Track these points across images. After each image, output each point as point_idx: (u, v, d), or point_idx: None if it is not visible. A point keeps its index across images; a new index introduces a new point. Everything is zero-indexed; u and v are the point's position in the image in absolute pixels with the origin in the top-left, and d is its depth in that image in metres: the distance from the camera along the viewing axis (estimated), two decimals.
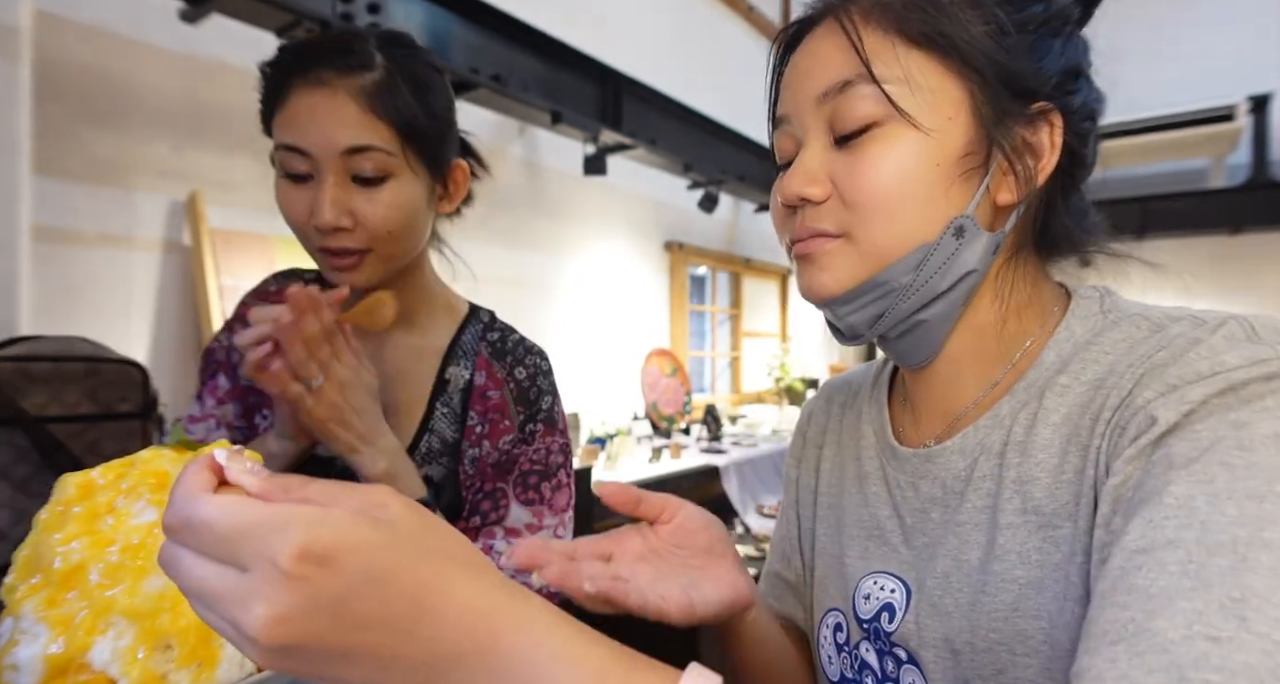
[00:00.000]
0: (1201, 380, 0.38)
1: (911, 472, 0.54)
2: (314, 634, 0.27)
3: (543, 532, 0.80)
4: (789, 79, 0.52)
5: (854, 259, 0.48)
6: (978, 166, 0.47)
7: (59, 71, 1.70)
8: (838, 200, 0.48)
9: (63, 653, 0.37)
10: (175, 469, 0.44)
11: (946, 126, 0.46)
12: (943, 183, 0.46)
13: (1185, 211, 4.30)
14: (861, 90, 0.47)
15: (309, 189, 0.71)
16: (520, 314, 3.10)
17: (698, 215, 3.77)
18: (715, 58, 4.34)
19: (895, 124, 0.46)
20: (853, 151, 0.48)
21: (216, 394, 0.84)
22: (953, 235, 0.47)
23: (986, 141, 0.47)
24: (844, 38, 0.47)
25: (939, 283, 0.48)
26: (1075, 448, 0.44)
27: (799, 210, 0.51)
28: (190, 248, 1.95)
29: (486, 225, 2.89)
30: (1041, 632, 0.43)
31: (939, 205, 0.47)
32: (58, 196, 1.72)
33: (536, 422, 0.82)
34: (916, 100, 0.46)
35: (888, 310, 0.49)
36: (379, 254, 0.74)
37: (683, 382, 3.97)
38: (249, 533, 0.27)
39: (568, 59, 2.74)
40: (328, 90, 0.69)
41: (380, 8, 2.05)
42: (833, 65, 0.48)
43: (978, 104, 0.47)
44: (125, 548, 0.39)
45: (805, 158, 0.50)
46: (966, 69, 0.46)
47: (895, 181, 0.46)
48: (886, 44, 0.47)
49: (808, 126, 0.50)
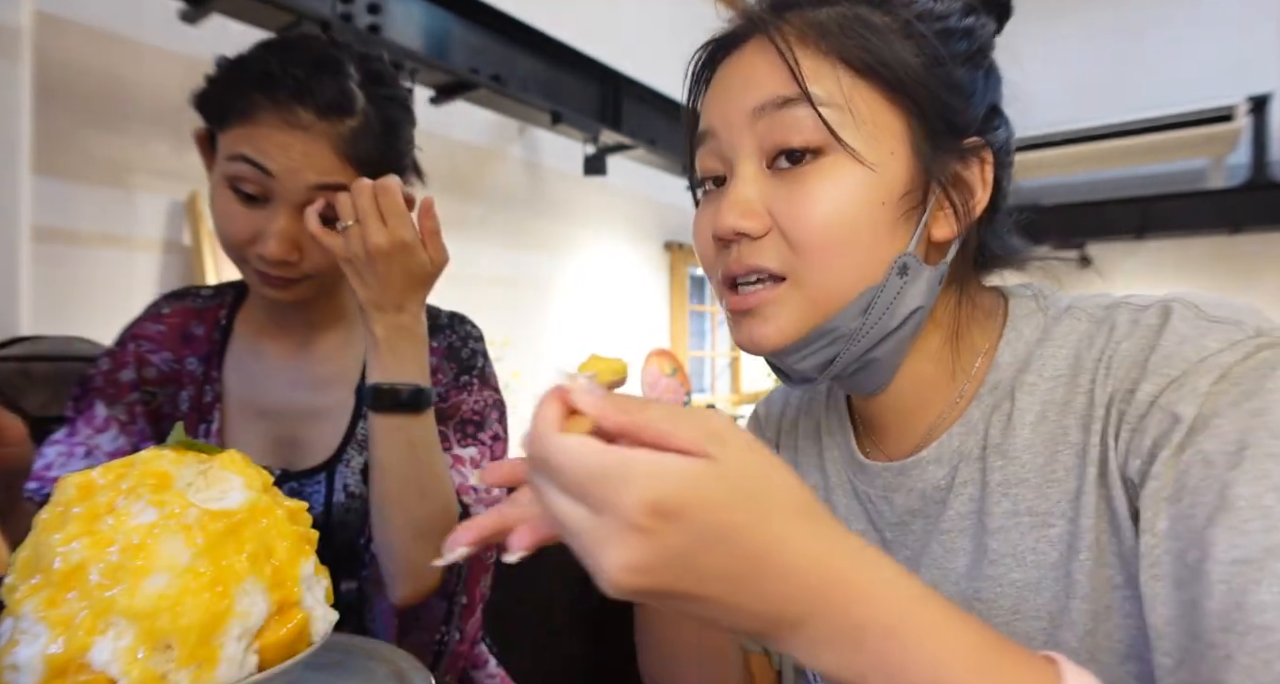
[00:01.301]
0: (1195, 368, 0.38)
1: (883, 485, 0.53)
2: (663, 582, 0.28)
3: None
4: (715, 94, 0.50)
5: (800, 306, 0.46)
6: (917, 204, 0.46)
7: (59, 71, 1.70)
8: (778, 237, 0.45)
9: (62, 653, 0.37)
10: (175, 469, 0.44)
11: (889, 161, 0.44)
12: (887, 221, 0.45)
13: (1184, 212, 4.29)
14: (800, 112, 0.44)
15: (258, 212, 0.68)
16: (520, 314, 3.12)
17: None
18: None
19: (838, 156, 0.44)
20: (793, 182, 0.45)
21: (93, 423, 0.78)
22: (897, 274, 0.45)
23: (924, 177, 0.45)
24: (777, 56, 0.45)
25: (888, 322, 0.46)
26: (1065, 447, 0.44)
27: (733, 245, 0.47)
28: (190, 248, 1.95)
29: (486, 225, 2.89)
30: (1043, 632, 0.43)
31: (882, 244, 0.45)
32: (58, 196, 1.72)
33: (470, 375, 0.81)
34: (860, 132, 0.44)
35: (839, 355, 0.47)
36: (318, 280, 0.73)
37: (683, 381, 3.97)
38: (597, 480, 0.28)
39: (568, 59, 2.74)
40: (304, 133, 0.66)
41: (380, 8, 2.05)
42: (769, 81, 0.45)
43: (916, 138, 0.45)
44: (125, 548, 0.39)
45: (739, 187, 0.46)
46: (906, 101, 0.45)
47: (842, 221, 0.44)
48: (825, 66, 0.44)
49: (738, 146, 0.47)
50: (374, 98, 0.71)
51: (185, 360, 0.81)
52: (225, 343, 0.83)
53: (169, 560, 0.39)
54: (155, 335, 0.81)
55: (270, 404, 0.80)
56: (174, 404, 0.81)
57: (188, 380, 0.81)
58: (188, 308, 0.84)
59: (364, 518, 0.76)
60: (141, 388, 0.80)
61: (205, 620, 0.39)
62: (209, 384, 0.81)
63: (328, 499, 0.77)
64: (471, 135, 2.80)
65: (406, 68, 2.09)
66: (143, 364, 0.80)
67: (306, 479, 0.77)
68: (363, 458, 0.77)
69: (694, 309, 4.46)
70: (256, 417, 0.80)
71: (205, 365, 0.81)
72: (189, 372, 0.81)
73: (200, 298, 0.85)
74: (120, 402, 0.79)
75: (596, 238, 3.51)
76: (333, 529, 0.76)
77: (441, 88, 2.36)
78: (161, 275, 1.92)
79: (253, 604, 0.41)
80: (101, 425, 0.79)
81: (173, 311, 0.83)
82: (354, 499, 0.77)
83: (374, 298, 0.66)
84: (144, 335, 0.81)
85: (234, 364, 0.82)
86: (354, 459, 0.78)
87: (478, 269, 2.86)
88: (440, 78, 2.27)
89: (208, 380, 0.81)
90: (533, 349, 2.98)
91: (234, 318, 0.84)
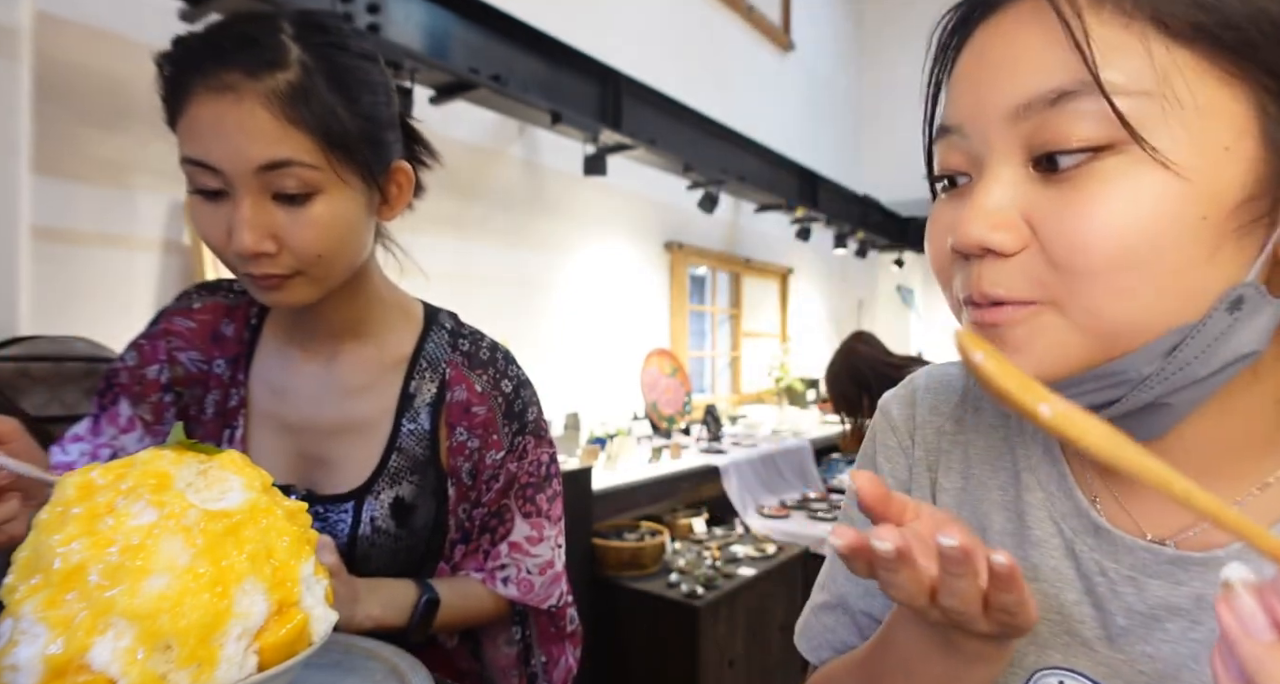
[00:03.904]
0: None
1: (1135, 566, 0.42)
2: None
3: (543, 543, 0.80)
4: (966, 72, 0.38)
5: (1067, 337, 0.35)
6: (1262, 214, 0.33)
7: (59, 71, 1.70)
8: (1037, 256, 0.35)
9: (62, 653, 0.37)
10: (175, 469, 0.44)
11: (1220, 162, 0.32)
12: (1210, 242, 0.32)
13: None
14: (1084, 106, 0.33)
15: (224, 207, 0.61)
16: (520, 314, 3.11)
17: (698, 215, 3.77)
18: (715, 58, 4.34)
19: (1135, 154, 0.32)
20: (1065, 187, 0.34)
21: (118, 422, 0.76)
22: (1227, 309, 0.33)
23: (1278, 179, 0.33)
24: (1055, 23, 0.33)
25: (1198, 369, 0.34)
26: None
27: (973, 261, 0.37)
28: (190, 248, 1.95)
29: (486, 225, 2.89)
30: None
31: (1201, 272, 0.33)
32: (58, 196, 1.71)
33: (525, 434, 0.79)
34: (1173, 123, 0.32)
35: (1120, 400, 0.36)
36: (310, 276, 0.65)
37: (683, 382, 3.97)
38: None
39: (568, 59, 2.74)
40: (233, 96, 0.58)
41: (380, 8, 2.05)
42: (1042, 64, 0.34)
43: (1270, 126, 0.33)
44: (125, 548, 0.39)
45: (990, 190, 0.36)
46: (1257, 73, 0.32)
47: (1138, 239, 0.32)
48: (1129, 35, 0.32)
49: (994, 146, 0.36)
50: (312, 48, 0.62)
51: (214, 361, 0.78)
52: (254, 345, 0.79)
53: (169, 561, 0.39)
54: (185, 332, 0.78)
55: (296, 418, 0.76)
56: (200, 407, 0.78)
57: (214, 383, 0.78)
58: (220, 304, 0.80)
59: (388, 554, 0.75)
60: (172, 388, 0.77)
61: (205, 621, 0.39)
62: (235, 388, 0.77)
63: (353, 531, 0.73)
64: (471, 135, 2.80)
65: (406, 68, 2.09)
66: (172, 362, 0.77)
67: (333, 506, 0.74)
68: (393, 492, 0.75)
69: (694, 309, 4.46)
70: (282, 430, 0.77)
71: (232, 368, 0.78)
72: (216, 374, 0.78)
73: (233, 293, 0.81)
74: (146, 400, 0.77)
75: (596, 238, 3.51)
76: (354, 561, 0.73)
77: (441, 88, 2.36)
78: (161, 275, 1.92)
79: (253, 604, 0.41)
80: (126, 425, 0.77)
81: (204, 307, 0.79)
82: (380, 534, 0.74)
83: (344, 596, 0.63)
84: (174, 331, 0.78)
85: (260, 370, 0.78)
86: (383, 492, 0.74)
87: (477, 269, 2.86)
88: (440, 78, 2.27)
89: (234, 384, 0.77)
90: (533, 349, 2.98)
91: (264, 318, 0.80)
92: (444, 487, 0.77)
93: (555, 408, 2.95)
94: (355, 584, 0.66)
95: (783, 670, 2.59)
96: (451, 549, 0.79)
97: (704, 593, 2.25)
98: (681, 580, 2.32)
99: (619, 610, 2.35)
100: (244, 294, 0.81)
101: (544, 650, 0.82)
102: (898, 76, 6.16)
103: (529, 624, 0.82)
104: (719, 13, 4.43)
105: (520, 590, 0.78)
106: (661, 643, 2.26)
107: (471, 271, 2.83)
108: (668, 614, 2.25)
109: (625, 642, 2.33)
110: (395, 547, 0.75)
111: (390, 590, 0.69)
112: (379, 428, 0.76)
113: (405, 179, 0.73)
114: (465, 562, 0.79)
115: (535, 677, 0.81)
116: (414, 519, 0.76)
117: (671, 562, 2.48)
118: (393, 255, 0.82)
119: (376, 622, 0.66)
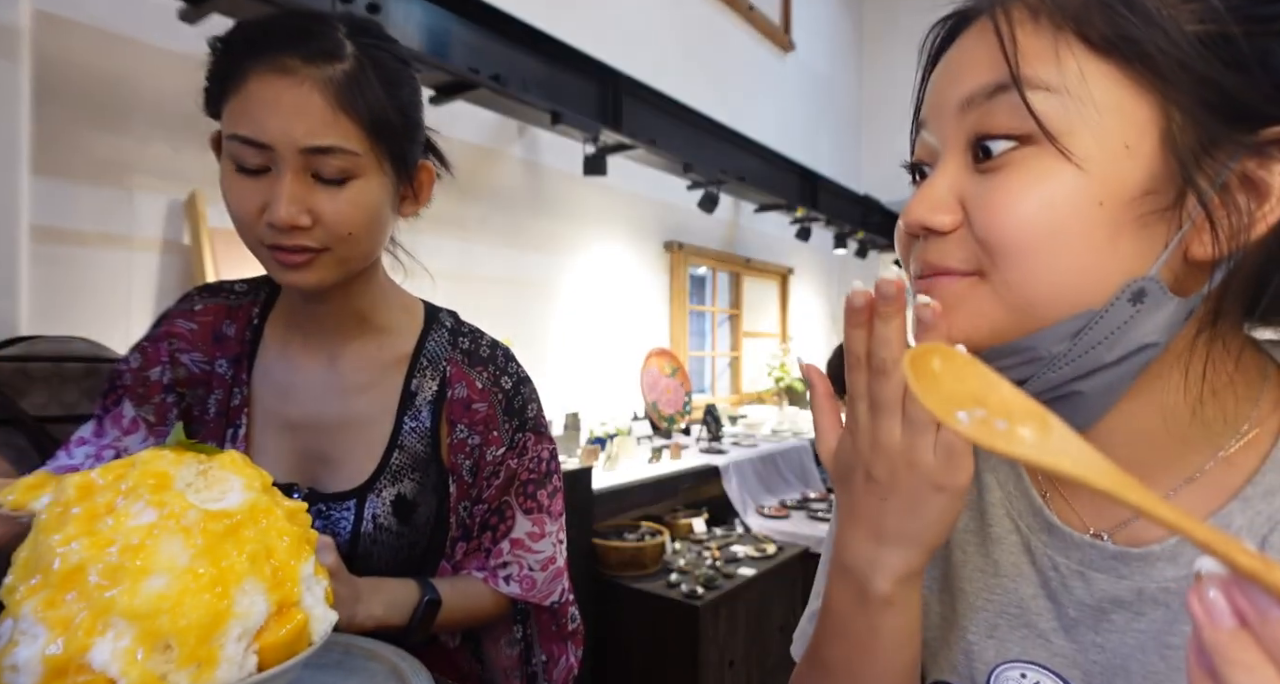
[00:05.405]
0: None
1: (1083, 561, 0.45)
2: None
3: (545, 539, 0.80)
4: (935, 78, 0.44)
5: (991, 305, 0.40)
6: (1163, 210, 0.37)
7: (59, 71, 1.70)
8: (967, 234, 0.40)
9: (62, 654, 0.37)
10: (175, 469, 0.44)
11: (1119, 156, 0.36)
12: (1107, 227, 0.37)
13: None
14: (1011, 99, 0.38)
15: (263, 182, 0.65)
16: (520, 314, 3.11)
17: (698, 215, 3.77)
18: (715, 58, 4.34)
19: (1043, 147, 0.37)
20: (991, 174, 0.39)
21: (121, 424, 0.77)
22: (1129, 300, 0.37)
23: (1179, 180, 0.36)
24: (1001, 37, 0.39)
25: (1103, 354, 0.38)
26: None
27: (921, 240, 0.43)
28: (190, 248, 1.94)
29: (486, 225, 2.89)
30: None
31: (1104, 257, 0.37)
32: (58, 196, 1.71)
33: (525, 431, 0.80)
34: (1078, 119, 0.37)
35: (1032, 378, 0.40)
36: (336, 255, 0.68)
37: (683, 382, 3.97)
38: None
39: (568, 59, 2.74)
40: (293, 80, 0.63)
41: (380, 7, 2.05)
42: (983, 67, 0.39)
43: (1173, 130, 0.36)
44: (125, 548, 0.39)
45: (935, 179, 0.42)
46: (1163, 84, 0.36)
47: (1038, 220, 0.37)
48: (1050, 45, 0.37)
49: (946, 138, 0.42)
50: (363, 46, 0.67)
51: (216, 362, 0.79)
52: (256, 344, 0.80)
53: (168, 561, 0.39)
54: (187, 334, 0.79)
55: (299, 416, 0.77)
56: (203, 407, 0.78)
57: (217, 383, 0.78)
58: (221, 305, 0.81)
59: (390, 552, 0.75)
60: (175, 389, 0.78)
61: (205, 621, 0.39)
62: (237, 387, 0.78)
63: (355, 528, 0.74)
64: (471, 135, 2.80)
65: None
66: (174, 363, 0.78)
67: (335, 504, 0.74)
68: (395, 489, 0.75)
69: (694, 309, 4.46)
70: (284, 428, 0.77)
71: (235, 368, 0.79)
72: (218, 374, 0.78)
73: (234, 294, 0.82)
74: (149, 402, 0.77)
75: (596, 238, 3.51)
76: (356, 558, 0.74)
77: (441, 88, 2.36)
78: (161, 275, 1.92)
79: (252, 604, 0.41)
80: (130, 427, 0.77)
81: (205, 309, 0.80)
82: (381, 531, 0.75)
83: (345, 597, 0.64)
84: (176, 333, 0.79)
85: (263, 369, 0.79)
86: (385, 489, 0.75)
87: (477, 269, 2.86)
88: (440, 77, 2.27)
89: (236, 383, 0.78)
90: (533, 349, 2.98)
91: (266, 318, 0.81)
92: (445, 483, 0.78)
93: (555, 408, 2.95)
94: (357, 584, 0.66)
95: (783, 670, 2.59)
96: (453, 547, 0.79)
97: (704, 593, 2.25)
98: (681, 580, 2.33)
99: (619, 610, 2.35)
100: (245, 295, 0.82)
101: (545, 649, 0.83)
102: (898, 77, 6.16)
103: (530, 623, 0.82)
104: (719, 13, 4.43)
105: (522, 588, 0.78)
106: (661, 643, 2.27)
107: (471, 271, 2.83)
108: (668, 614, 2.25)
109: (625, 642, 2.33)
110: (397, 544, 0.75)
111: (392, 590, 0.69)
112: (381, 426, 0.77)
113: (428, 178, 0.77)
114: (467, 561, 0.79)
115: (535, 676, 0.82)
116: (416, 516, 0.76)
117: (672, 562, 2.48)
118: (395, 258, 0.84)
119: (378, 622, 0.66)
